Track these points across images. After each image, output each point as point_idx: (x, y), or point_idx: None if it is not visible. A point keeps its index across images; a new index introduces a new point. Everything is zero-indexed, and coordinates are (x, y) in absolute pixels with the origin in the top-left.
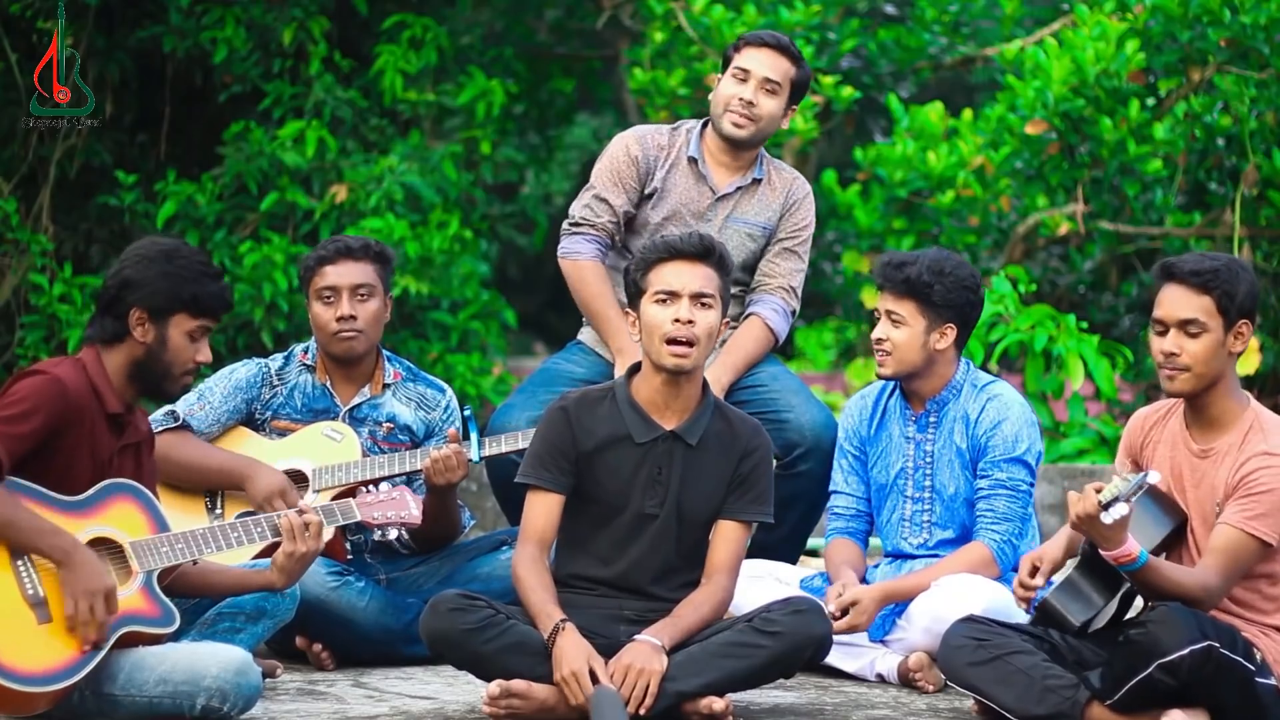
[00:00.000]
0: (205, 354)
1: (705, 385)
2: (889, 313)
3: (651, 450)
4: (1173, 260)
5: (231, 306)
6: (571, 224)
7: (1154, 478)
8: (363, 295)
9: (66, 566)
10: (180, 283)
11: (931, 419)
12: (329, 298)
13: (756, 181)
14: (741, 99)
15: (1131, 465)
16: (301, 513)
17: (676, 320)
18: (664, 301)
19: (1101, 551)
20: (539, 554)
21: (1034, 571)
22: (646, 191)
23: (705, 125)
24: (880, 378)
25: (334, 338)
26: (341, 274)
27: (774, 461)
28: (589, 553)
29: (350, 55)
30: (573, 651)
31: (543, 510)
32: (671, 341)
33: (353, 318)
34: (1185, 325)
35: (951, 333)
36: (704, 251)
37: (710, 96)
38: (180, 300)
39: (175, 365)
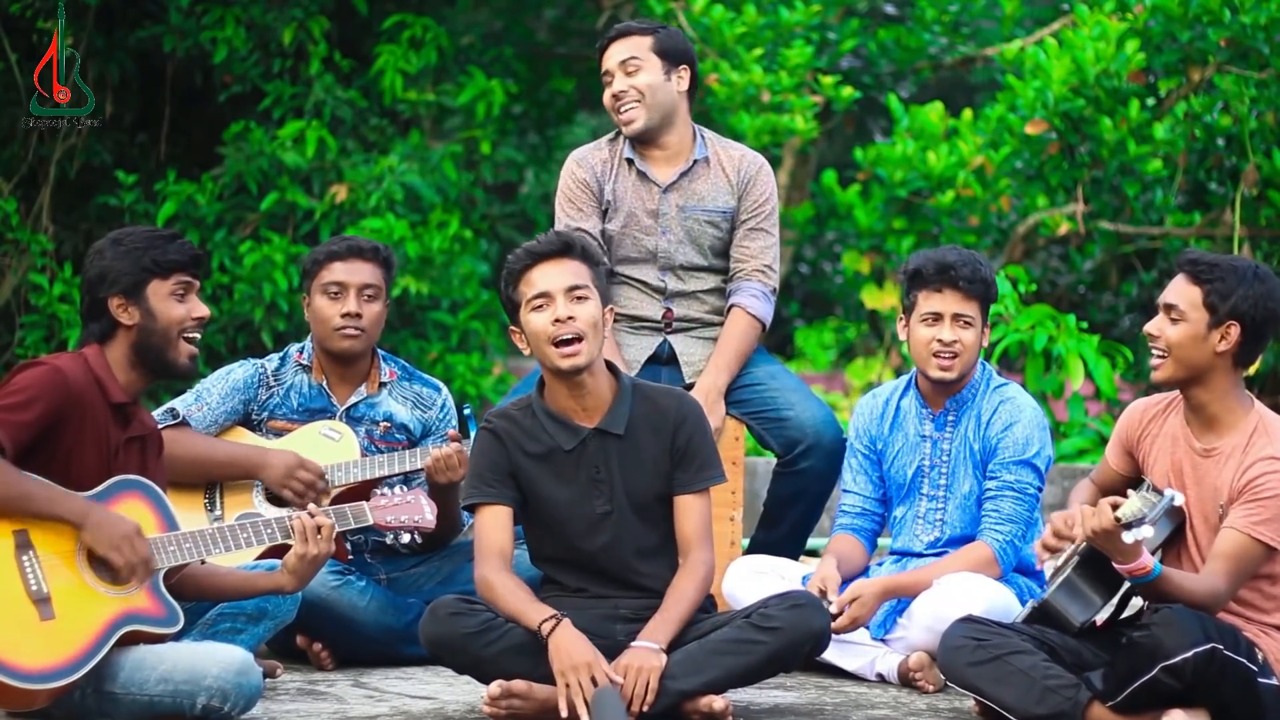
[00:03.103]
0: (200, 309)
1: (618, 372)
2: (958, 316)
3: (583, 453)
4: (1189, 251)
5: (199, 257)
6: None
7: (1179, 500)
8: (369, 296)
9: (86, 526)
10: (136, 255)
11: (950, 418)
12: (335, 293)
13: (702, 162)
14: (614, 95)
15: (1126, 458)
16: (313, 515)
17: (556, 320)
18: (540, 306)
19: (1116, 565)
20: (503, 564)
21: (1059, 535)
22: (602, 207)
23: None
24: (939, 381)
25: (336, 333)
26: (351, 271)
27: (709, 426)
28: (561, 561)
29: (350, 55)
30: (578, 645)
31: (495, 524)
32: (558, 344)
33: (358, 315)
34: (1169, 310)
35: (989, 331)
36: (563, 247)
37: None
38: (144, 269)
39: (171, 328)
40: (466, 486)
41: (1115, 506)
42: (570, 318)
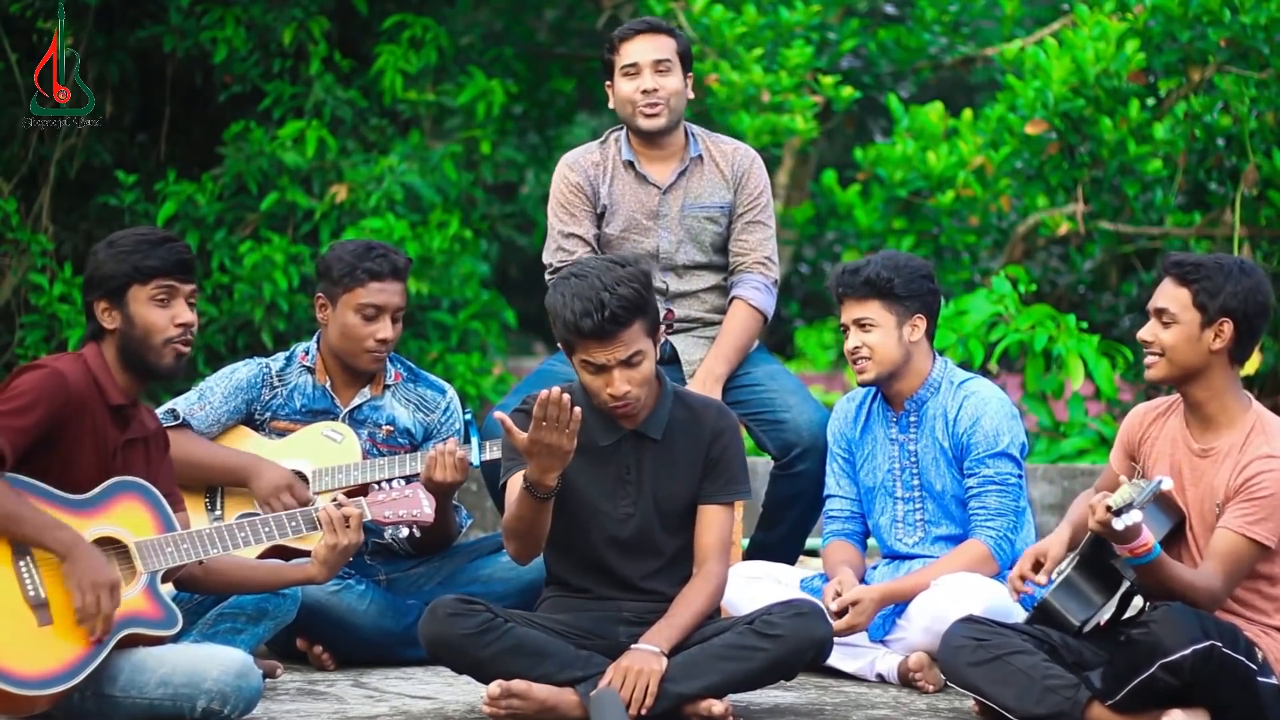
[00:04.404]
0: (184, 315)
1: (661, 377)
2: (857, 321)
3: (616, 452)
4: (1172, 254)
5: (186, 261)
6: (552, 271)
7: (1167, 484)
8: (398, 318)
9: (69, 560)
10: (120, 260)
11: (912, 418)
12: (372, 315)
13: (697, 160)
14: (643, 91)
15: (1128, 462)
16: (340, 504)
17: (610, 395)
18: (594, 372)
19: (1117, 548)
20: None
21: (1037, 567)
22: (598, 211)
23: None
24: (862, 384)
25: (366, 354)
26: (390, 295)
27: (743, 443)
28: (576, 556)
29: (350, 55)
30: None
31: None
32: (611, 405)
33: (390, 340)
34: (1160, 314)
35: (922, 323)
36: (614, 324)
37: (611, 106)
38: (125, 275)
39: (151, 335)
40: (504, 462)
41: (1112, 492)
42: (625, 390)
